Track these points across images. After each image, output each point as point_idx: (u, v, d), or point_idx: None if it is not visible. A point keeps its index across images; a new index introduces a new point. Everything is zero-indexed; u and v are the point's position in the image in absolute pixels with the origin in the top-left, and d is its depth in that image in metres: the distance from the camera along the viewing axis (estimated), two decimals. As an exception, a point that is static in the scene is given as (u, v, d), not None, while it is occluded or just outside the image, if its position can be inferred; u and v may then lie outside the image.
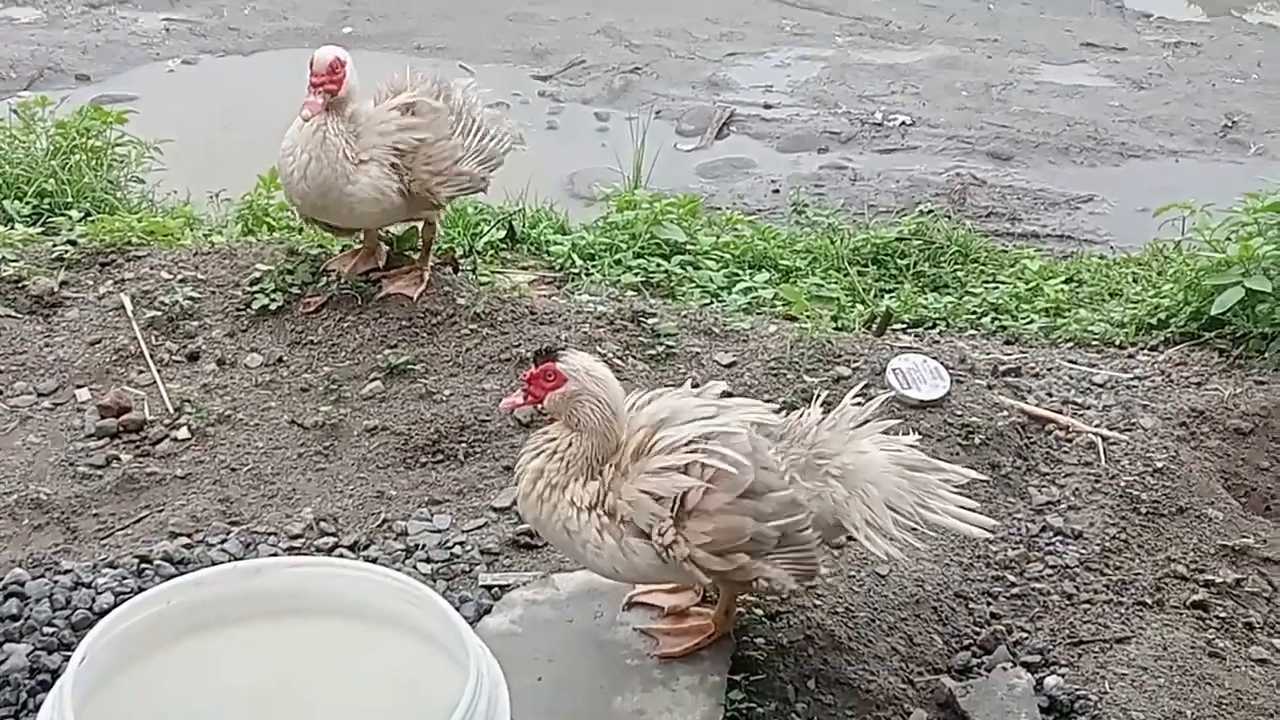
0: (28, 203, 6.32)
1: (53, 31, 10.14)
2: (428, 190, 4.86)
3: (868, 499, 3.43)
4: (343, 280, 5.21)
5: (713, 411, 3.45)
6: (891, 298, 6.12)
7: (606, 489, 3.38)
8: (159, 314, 5.08)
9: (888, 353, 4.97)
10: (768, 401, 3.91)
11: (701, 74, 9.90)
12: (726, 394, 3.67)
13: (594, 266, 6.15)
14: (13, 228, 5.83)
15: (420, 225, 5.26)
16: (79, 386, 4.78)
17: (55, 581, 3.82)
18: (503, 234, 6.27)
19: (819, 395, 3.70)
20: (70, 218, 5.84)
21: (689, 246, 6.34)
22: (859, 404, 3.56)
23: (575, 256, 6.21)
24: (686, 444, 3.34)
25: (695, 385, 3.70)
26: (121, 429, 4.57)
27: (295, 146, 4.79)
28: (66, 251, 5.44)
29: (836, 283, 6.27)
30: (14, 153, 6.67)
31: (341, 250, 5.40)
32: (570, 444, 3.39)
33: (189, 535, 4.09)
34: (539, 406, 3.46)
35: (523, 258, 6.32)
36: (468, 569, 3.98)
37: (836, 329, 5.40)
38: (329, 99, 4.71)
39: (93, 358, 4.92)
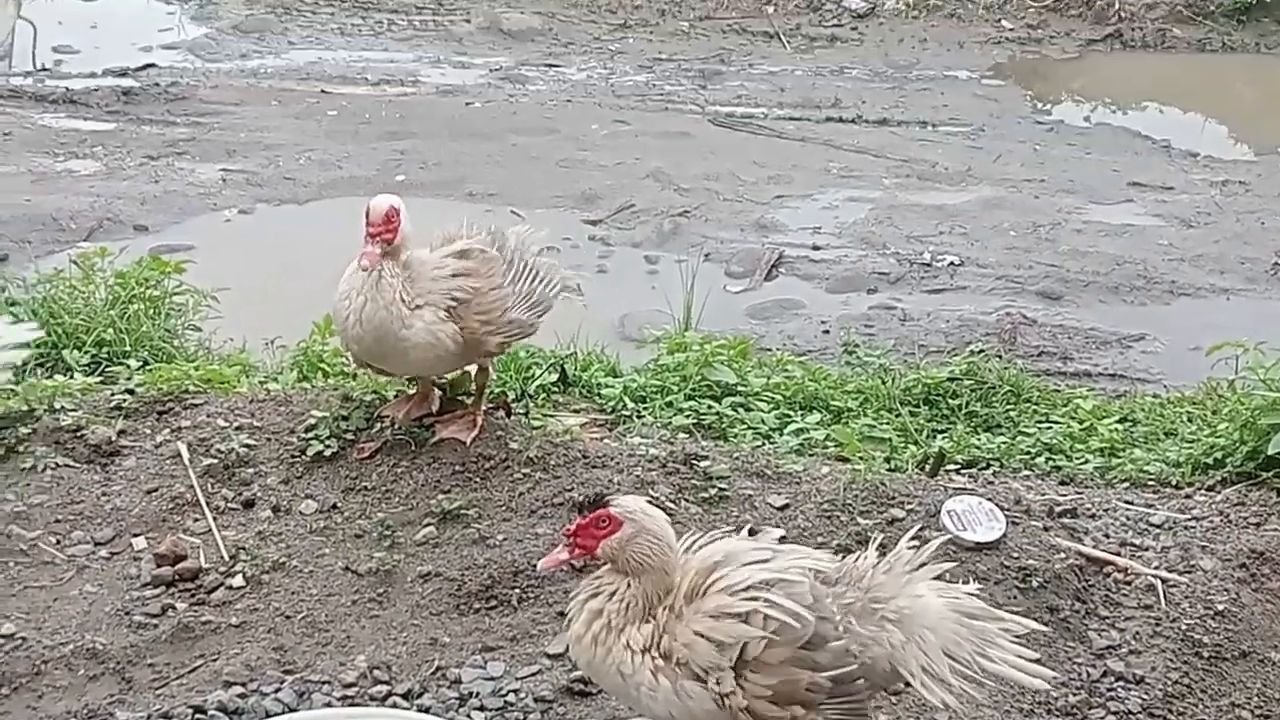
0: (86, 352, 6.40)
1: (112, 183, 10.33)
2: (478, 339, 4.91)
3: (924, 645, 3.39)
4: (397, 426, 5.24)
5: (768, 555, 3.44)
6: (944, 438, 6.10)
7: (661, 631, 3.37)
8: (215, 461, 5.12)
9: (942, 494, 4.94)
10: (821, 545, 3.91)
11: (750, 216, 9.99)
12: (783, 540, 3.66)
13: (645, 409, 6.16)
14: (72, 377, 5.90)
15: (473, 370, 5.30)
16: (135, 535, 4.81)
17: (110, 732, 3.83)
18: (554, 377, 6.30)
19: (874, 538, 3.68)
20: (129, 366, 5.92)
21: (740, 388, 6.35)
22: (914, 548, 3.54)
23: (627, 399, 6.23)
24: (746, 589, 3.33)
25: (753, 532, 3.69)
26: (177, 577, 4.59)
27: (351, 292, 4.84)
28: (124, 400, 5.50)
29: (888, 423, 6.26)
30: (74, 303, 6.77)
31: (395, 396, 5.44)
32: (628, 586, 3.39)
33: (243, 684, 4.09)
34: (593, 557, 3.45)
35: (574, 400, 6.34)
36: (522, 717, 3.95)
37: (889, 470, 5.39)
38: (385, 248, 4.77)
39: (149, 506, 4.95)
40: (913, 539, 3.60)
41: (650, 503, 3.54)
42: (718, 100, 12.50)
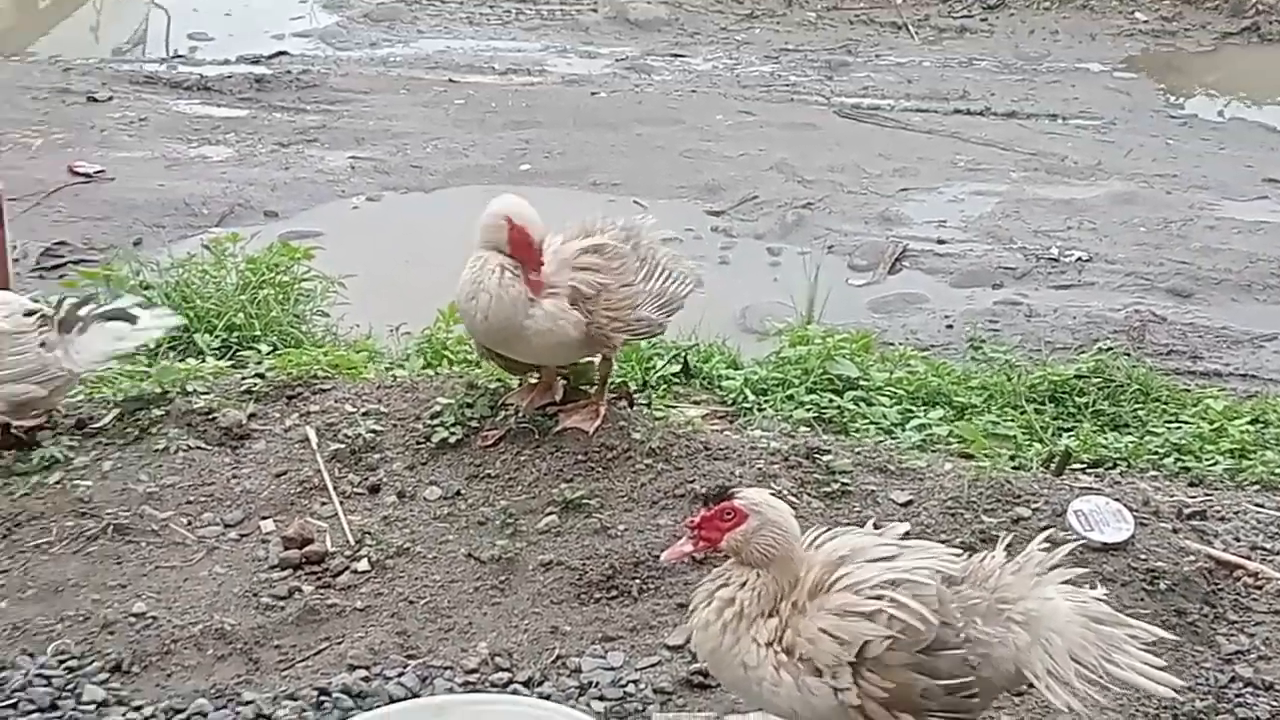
0: (217, 335, 6.51)
1: (243, 169, 10.49)
2: (604, 335, 4.93)
3: (1050, 648, 3.35)
4: (520, 414, 5.28)
5: (894, 552, 3.42)
6: (1070, 437, 6.02)
7: (784, 626, 3.36)
8: (342, 446, 5.19)
9: (1068, 494, 4.88)
10: (944, 541, 3.87)
11: (874, 209, 9.92)
12: (907, 535, 3.63)
13: (766, 402, 6.14)
14: (203, 360, 6.01)
15: (597, 360, 5.32)
16: (264, 518, 4.89)
17: (237, 713, 3.90)
18: (676, 369, 6.30)
19: (1002, 538, 3.64)
20: (259, 351, 6.03)
21: (862, 382, 6.31)
22: (1046, 550, 3.50)
23: (748, 391, 6.22)
24: (872, 588, 3.31)
25: (877, 526, 3.67)
26: (304, 560, 4.66)
27: (476, 280, 4.89)
28: (255, 384, 5.60)
29: (1013, 420, 6.18)
30: (205, 287, 6.89)
31: (519, 384, 5.48)
32: (757, 576, 3.38)
33: (367, 668, 4.14)
34: (716, 549, 3.44)
35: (695, 392, 6.34)
36: (640, 708, 3.96)
37: (1014, 468, 5.33)
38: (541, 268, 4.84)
39: (278, 489, 5.03)
40: (1044, 542, 3.56)
41: (773, 495, 3.53)
42: (844, 91, 12.43)
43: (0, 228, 5.98)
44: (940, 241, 9.47)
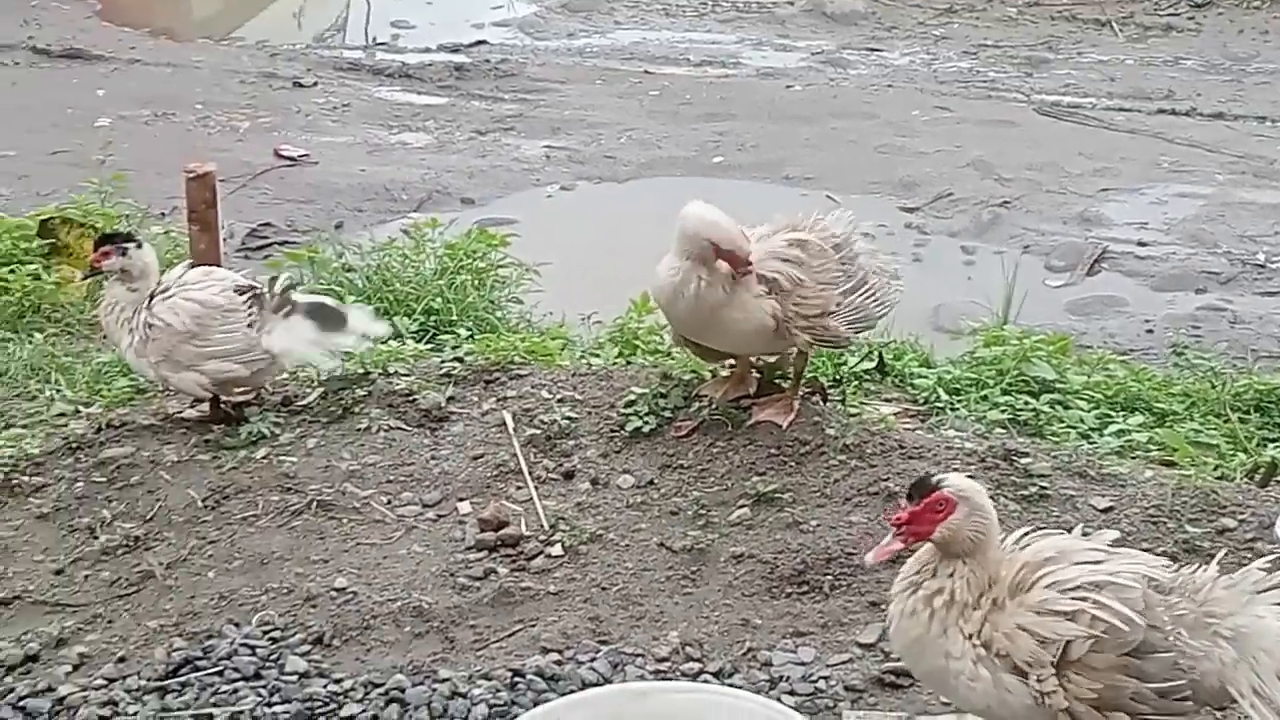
0: (416, 319, 6.62)
1: (442, 156, 10.66)
2: (789, 331, 4.93)
3: (1258, 667, 3.27)
4: (714, 406, 5.29)
5: (1101, 557, 3.36)
6: (1276, 448, 5.84)
7: (984, 621, 3.33)
8: (538, 432, 5.26)
9: (1274, 505, 4.76)
10: (1146, 550, 3.79)
11: (1073, 209, 9.72)
12: (1117, 542, 3.56)
13: (959, 401, 6.07)
14: (404, 343, 6.13)
15: (792, 354, 5.31)
16: (461, 499, 4.98)
17: (434, 690, 3.98)
18: (870, 365, 6.25)
19: (1217, 554, 3.55)
20: (458, 335, 6.12)
21: (1058, 385, 6.20)
22: (1266, 570, 3.41)
23: (940, 390, 6.15)
24: (1075, 588, 3.27)
25: (1085, 533, 3.60)
26: (499, 543, 4.73)
27: (675, 269, 4.93)
28: (454, 368, 5.70)
29: (1216, 429, 6.02)
30: (405, 271, 7.02)
31: (712, 376, 5.49)
32: (964, 564, 3.35)
33: (560, 652, 4.19)
34: (930, 539, 3.40)
35: (886, 389, 6.28)
36: (832, 704, 3.95)
37: (1217, 478, 5.19)
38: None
39: (475, 472, 5.11)
40: (1266, 563, 3.46)
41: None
42: (1044, 88, 12.21)
43: (213, 208, 6.15)
44: (1141, 244, 9.26)
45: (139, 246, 5.36)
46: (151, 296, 5.32)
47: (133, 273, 5.33)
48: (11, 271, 6.87)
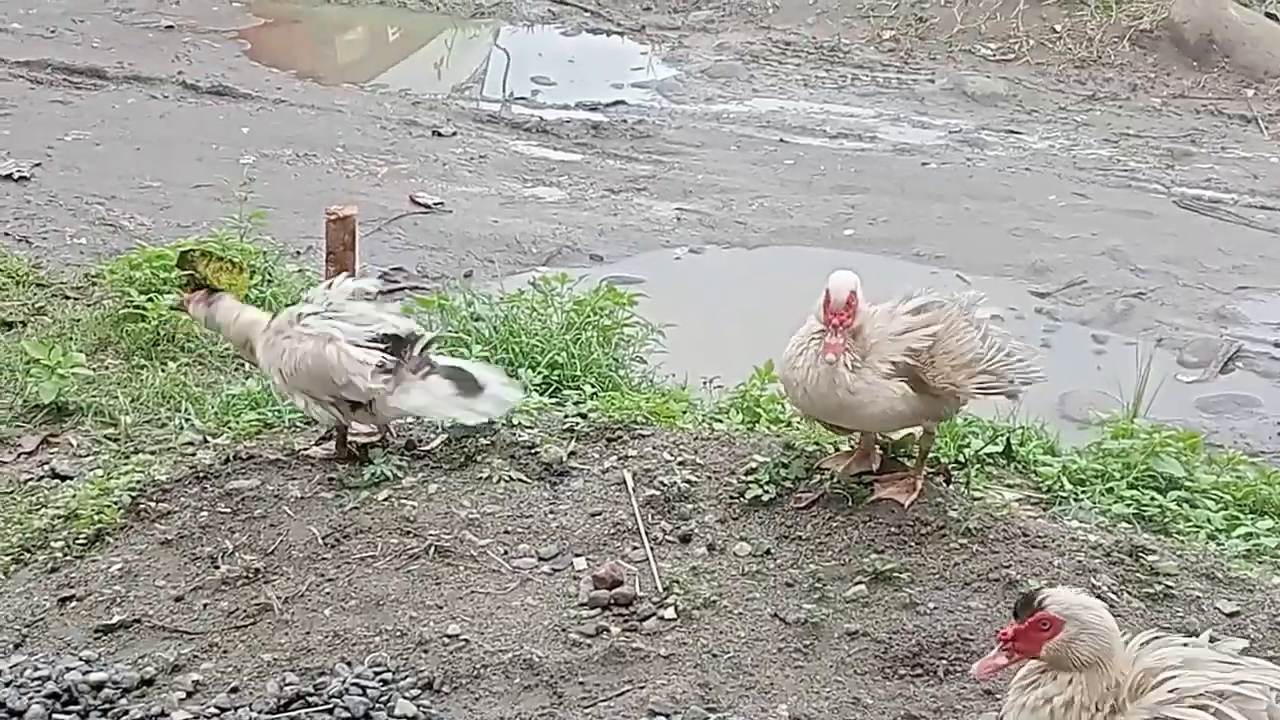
0: (540, 372, 6.65)
1: (574, 212, 10.73)
2: (953, 384, 4.86)
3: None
4: (835, 479, 5.26)
5: (1229, 669, 3.28)
6: None
7: None
8: (657, 493, 5.25)
9: None
10: (1273, 659, 3.70)
11: (1209, 305, 9.56)
12: (1245, 651, 3.48)
13: (1084, 492, 5.97)
14: (528, 396, 6.16)
15: (918, 432, 5.27)
16: (577, 555, 4.99)
17: (541, 744, 3.97)
18: (994, 449, 6.17)
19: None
20: (582, 391, 6.14)
21: (1186, 483, 6.07)
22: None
23: (1065, 480, 6.05)
24: (1197, 695, 3.19)
25: (1213, 640, 3.52)
26: (613, 601, 4.73)
27: (798, 354, 4.93)
28: (577, 424, 5.71)
29: (1350, 540, 5.87)
30: (531, 324, 7.06)
31: (836, 449, 5.46)
32: (1083, 675, 3.29)
33: (667, 716, 4.18)
34: (1038, 657, 3.36)
35: (1009, 475, 6.20)
36: (941, 792, 3.89)
37: (1352, 590, 5.06)
38: (848, 336, 4.81)
39: (592, 529, 5.12)
40: None
41: (1086, 592, 3.43)
42: (1184, 181, 12.04)
43: (351, 250, 6.25)
44: (1278, 344, 9.08)
45: (221, 299, 5.59)
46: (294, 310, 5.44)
47: (208, 326, 5.70)
48: (149, 300, 7.00)
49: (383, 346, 5.28)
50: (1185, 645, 3.39)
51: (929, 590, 4.77)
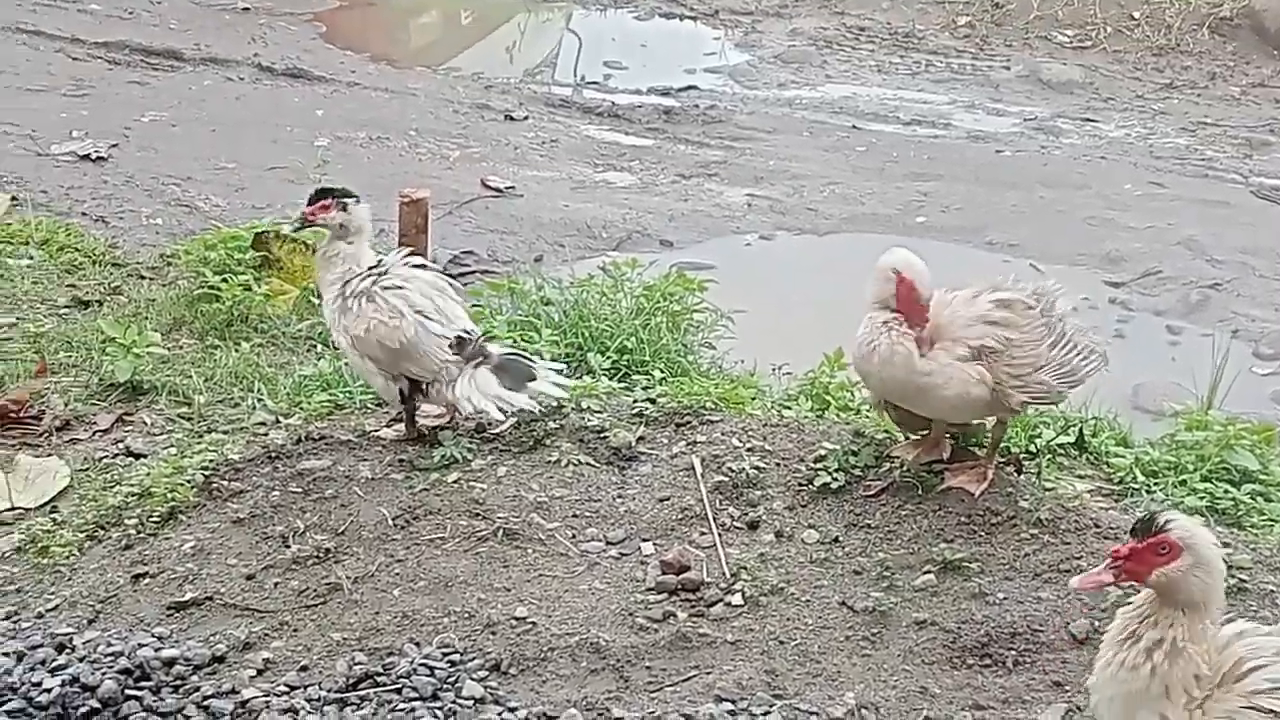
0: (609, 357, 6.65)
1: (644, 197, 10.72)
2: (1003, 393, 4.86)
3: None
4: (905, 468, 5.23)
5: None
6: None
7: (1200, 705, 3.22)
8: (725, 479, 5.25)
9: None
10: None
11: (1287, 296, 9.45)
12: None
13: (1156, 484, 5.91)
14: (597, 380, 6.16)
15: (990, 422, 5.24)
16: (644, 540, 4.99)
17: (607, 727, 3.98)
18: (1066, 439, 6.12)
19: None
20: (651, 376, 6.14)
21: (1261, 476, 6.00)
22: None
23: (1137, 471, 5.99)
24: None
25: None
26: (680, 586, 4.73)
27: (871, 338, 4.94)
28: (646, 409, 5.71)
29: None
30: (601, 309, 7.06)
31: (906, 438, 5.43)
32: (1183, 615, 3.23)
33: (733, 702, 4.18)
34: (1141, 583, 3.29)
35: (1080, 465, 6.15)
36: (1008, 783, 3.87)
37: None
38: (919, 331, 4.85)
39: (660, 514, 5.12)
40: None
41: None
42: (1263, 171, 11.88)
43: (424, 233, 6.28)
44: (1356, 338, 8.95)
45: (357, 202, 5.49)
46: (370, 272, 5.43)
47: (350, 228, 5.47)
48: (224, 280, 7.06)
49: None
50: (1270, 635, 3.34)
51: (998, 580, 4.74)
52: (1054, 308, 5.09)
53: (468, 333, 5.41)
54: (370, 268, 5.46)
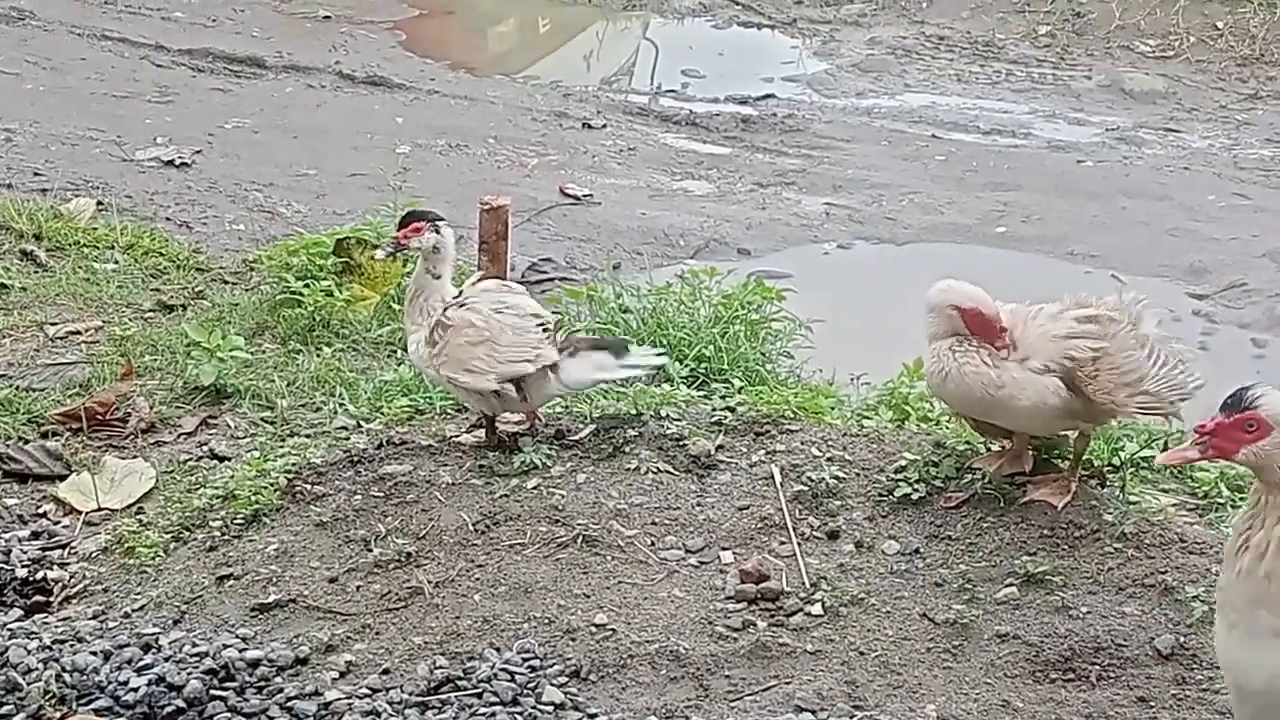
0: (687, 365, 6.65)
1: (722, 205, 10.72)
2: (1113, 401, 4.83)
3: None
4: (987, 479, 5.20)
5: None
6: None
7: None
8: (804, 489, 5.23)
9: None
10: None
11: (1372, 310, 9.30)
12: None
13: (1241, 499, 5.83)
14: (675, 388, 6.16)
15: (1073, 434, 5.20)
16: (724, 549, 4.99)
17: (687, 736, 3.98)
18: (1155, 454, 6.06)
19: None
20: (730, 385, 6.14)
21: (1349, 492, 5.92)
22: None
23: (1223, 486, 5.92)
24: None
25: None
26: (759, 596, 4.72)
27: (942, 354, 4.98)
28: (724, 417, 5.70)
29: None
30: (679, 317, 7.07)
31: (988, 448, 5.40)
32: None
33: (814, 712, 4.18)
34: (1230, 459, 3.22)
35: (1164, 479, 6.08)
36: (1094, 799, 3.84)
37: None
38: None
39: (739, 523, 5.11)
40: None
41: None
42: (1350, 182, 11.73)
43: (504, 240, 6.31)
44: None
45: (446, 224, 5.52)
46: (447, 306, 5.46)
47: (442, 250, 5.48)
48: (306, 286, 7.13)
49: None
50: None
51: (1082, 594, 4.69)
52: (1141, 322, 5.04)
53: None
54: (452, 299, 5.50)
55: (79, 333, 7.00)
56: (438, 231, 5.48)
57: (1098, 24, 15.10)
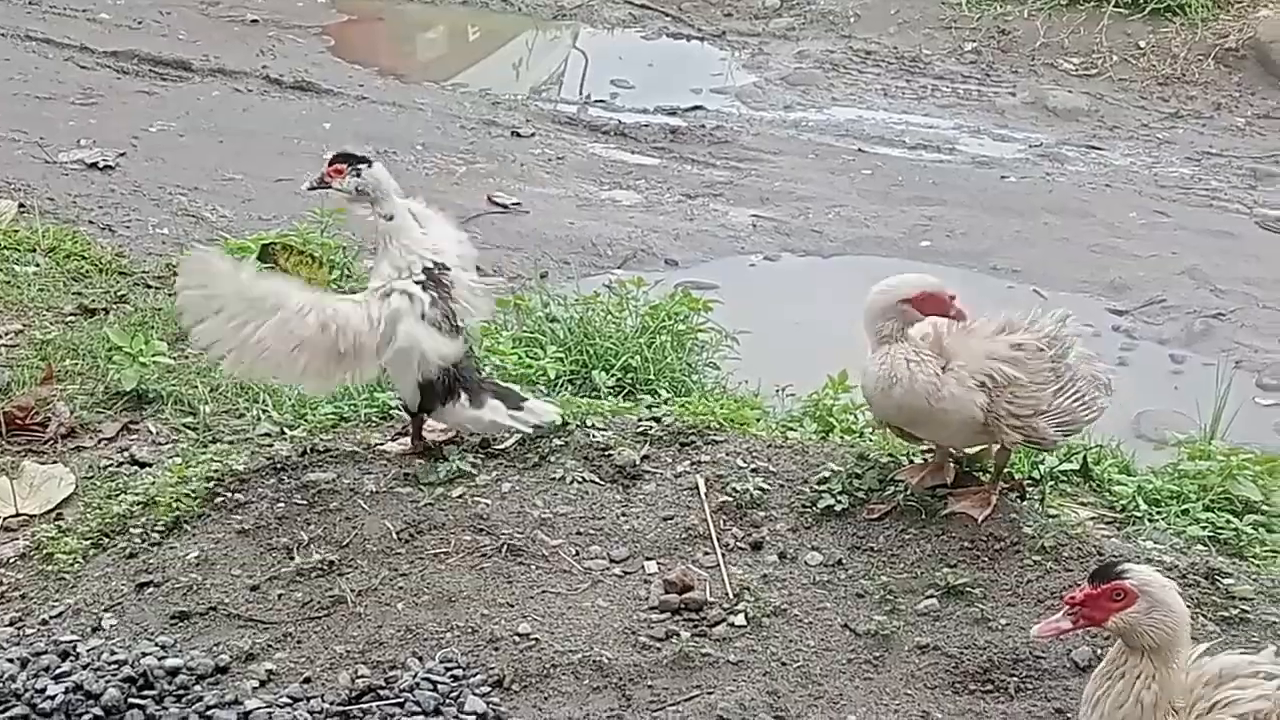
0: (613, 375, 6.67)
1: (649, 216, 10.74)
2: (998, 426, 4.90)
3: None
4: (909, 491, 5.25)
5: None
6: None
7: None
8: (729, 499, 5.26)
9: None
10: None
11: (1290, 328, 9.46)
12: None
13: (1158, 513, 5.92)
14: (601, 398, 6.18)
15: (994, 447, 5.25)
16: (648, 559, 5.00)
17: (609, 745, 3.98)
18: (1074, 467, 6.13)
19: None
20: (657, 395, 6.15)
21: (1264, 507, 6.01)
22: None
23: (1139, 500, 6.00)
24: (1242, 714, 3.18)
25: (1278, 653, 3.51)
26: (683, 606, 4.74)
27: (889, 374, 4.95)
28: (650, 428, 5.72)
29: None
30: (606, 326, 7.08)
31: (910, 461, 5.44)
32: (1152, 664, 3.27)
33: (734, 723, 4.18)
34: (1099, 628, 3.33)
35: (1082, 493, 6.16)
36: (1009, 810, 3.88)
37: None
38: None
39: (663, 533, 5.13)
40: None
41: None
42: (1268, 203, 11.88)
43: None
44: (1360, 370, 8.97)
45: (369, 165, 5.38)
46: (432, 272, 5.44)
47: (371, 192, 5.37)
48: (231, 291, 7.05)
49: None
50: (1245, 655, 3.38)
51: (1001, 606, 4.75)
52: (1067, 354, 5.11)
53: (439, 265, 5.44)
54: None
55: (-2, 336, 6.92)
56: (358, 175, 5.32)
57: (1022, 41, 15.25)
